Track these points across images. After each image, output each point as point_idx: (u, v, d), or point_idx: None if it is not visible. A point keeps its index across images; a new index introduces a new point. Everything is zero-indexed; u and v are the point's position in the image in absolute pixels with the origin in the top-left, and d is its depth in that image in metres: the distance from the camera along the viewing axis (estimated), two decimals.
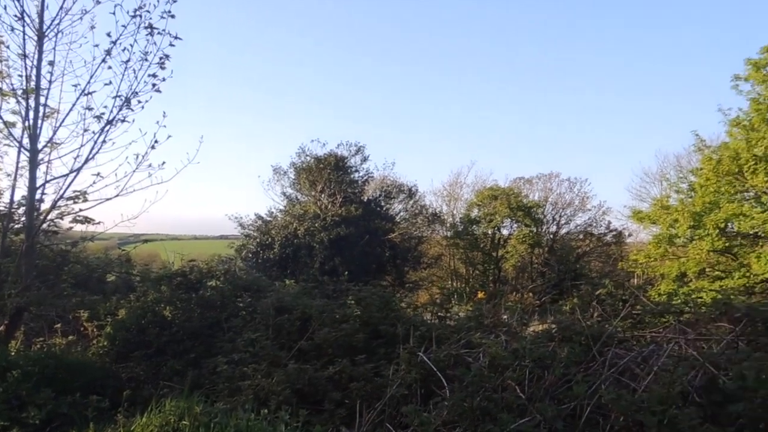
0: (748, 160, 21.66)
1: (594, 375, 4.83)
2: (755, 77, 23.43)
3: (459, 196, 42.13)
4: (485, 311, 7.36)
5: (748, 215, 21.50)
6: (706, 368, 4.36)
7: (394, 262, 35.20)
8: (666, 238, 24.84)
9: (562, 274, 34.09)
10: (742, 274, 21.49)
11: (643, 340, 5.82)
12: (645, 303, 6.21)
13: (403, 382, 5.56)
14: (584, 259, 38.72)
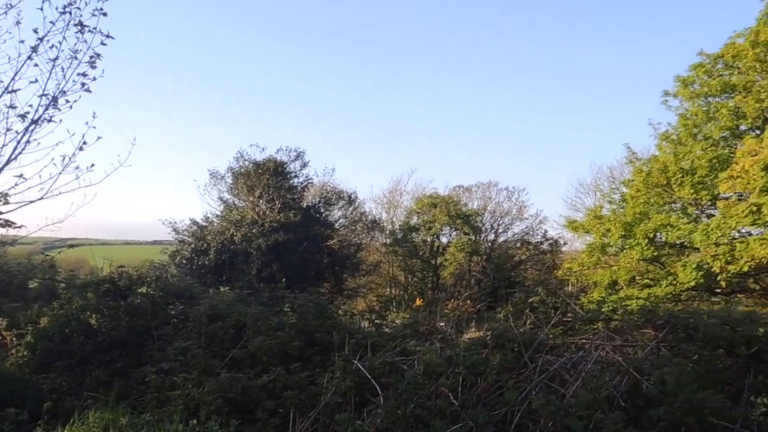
0: (676, 172, 22.71)
1: (525, 381, 4.97)
2: (683, 94, 24.66)
3: (399, 203, 42.51)
4: (421, 319, 7.46)
5: (675, 226, 22.50)
6: (630, 374, 4.56)
7: (332, 269, 35.12)
8: (599, 247, 25.71)
9: (498, 282, 34.81)
10: (669, 282, 22.43)
11: (573, 346, 6.02)
12: (575, 310, 6.43)
13: (337, 390, 5.57)
14: (521, 267, 39.67)
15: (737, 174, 17.55)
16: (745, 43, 22.61)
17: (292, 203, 33.95)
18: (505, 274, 36.11)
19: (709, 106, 23.80)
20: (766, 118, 22.01)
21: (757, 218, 17.39)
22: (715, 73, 23.89)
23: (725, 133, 23.12)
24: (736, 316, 5.70)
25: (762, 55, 22.05)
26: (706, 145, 22.90)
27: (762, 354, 4.74)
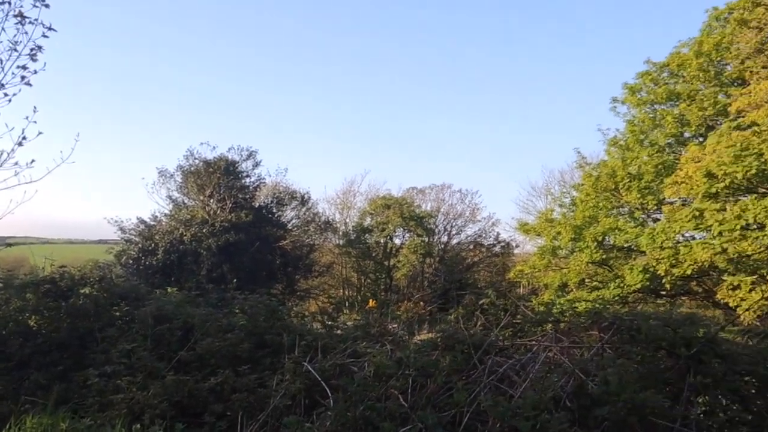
0: (624, 177, 23.39)
1: (474, 383, 5.04)
2: (631, 101, 25.46)
3: (352, 204, 42.54)
4: (372, 320, 7.48)
5: (622, 229, 23.17)
6: (576, 375, 4.67)
7: (285, 270, 34.87)
8: (550, 250, 26.27)
9: (449, 283, 35.20)
10: (617, 285, 23.08)
11: (522, 348, 6.13)
12: (525, 312, 6.56)
13: (287, 392, 5.53)
14: (474, 269, 40.17)
15: (681, 180, 18.17)
16: (689, 53, 23.49)
17: (243, 203, 33.56)
18: (457, 276, 36.54)
19: (655, 113, 24.63)
20: (708, 126, 22.88)
21: (699, 223, 18.04)
22: (661, 82, 24.74)
23: (670, 139, 23.97)
24: (678, 318, 5.90)
25: (705, 65, 22.93)
26: (653, 151, 23.67)
27: (701, 355, 4.92)
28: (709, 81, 23.15)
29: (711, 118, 22.44)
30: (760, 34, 19.86)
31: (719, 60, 22.95)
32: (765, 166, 16.07)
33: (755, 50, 20.17)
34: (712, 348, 4.99)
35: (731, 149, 16.82)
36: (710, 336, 4.99)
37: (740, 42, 20.97)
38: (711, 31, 23.45)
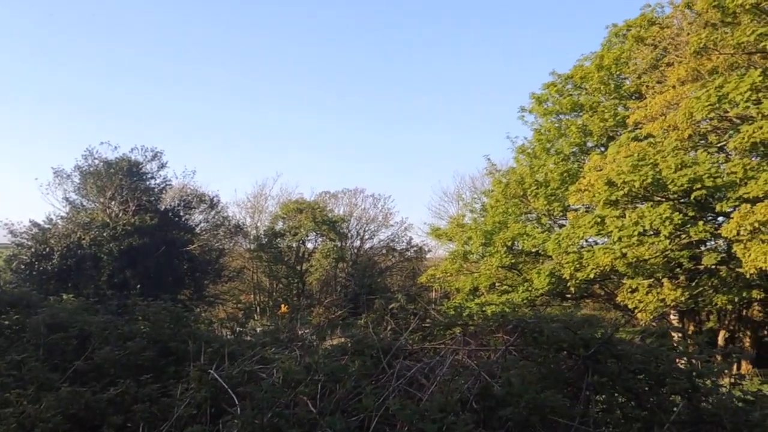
0: (531, 184, 24.41)
1: (383, 387, 5.10)
2: (538, 110, 26.66)
3: (263, 208, 41.98)
4: (282, 326, 7.42)
5: (530, 235, 24.18)
6: (482, 377, 4.82)
7: (192, 276, 33.91)
8: (461, 255, 27.01)
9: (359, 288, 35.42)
10: (525, 288, 24.04)
11: (431, 351, 6.25)
12: (434, 316, 6.70)
13: (191, 401, 5.39)
14: (386, 273, 40.59)
15: (584, 187, 19.14)
16: (591, 66, 24.88)
17: (148, 206, 32.34)
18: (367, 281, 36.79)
19: (560, 123, 25.91)
20: (609, 136, 24.27)
21: (601, 229, 19.06)
22: (565, 93, 26.06)
23: (575, 148, 25.28)
24: (578, 320, 6.21)
25: (605, 79, 24.36)
26: (558, 160, 24.89)
27: (598, 355, 5.19)
28: (609, 94, 24.58)
29: (611, 129, 23.82)
30: (655, 51, 21.27)
31: (619, 74, 24.43)
32: (660, 176, 17.18)
33: (651, 66, 21.59)
34: (609, 348, 5.29)
35: (629, 159, 17.89)
36: (607, 337, 5.28)
37: (637, 58, 22.38)
38: (611, 46, 24.94)
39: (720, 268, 19.98)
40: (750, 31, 15.74)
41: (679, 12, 21.15)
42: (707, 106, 16.34)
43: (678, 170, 16.94)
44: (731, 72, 17.60)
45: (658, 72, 21.41)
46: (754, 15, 16.08)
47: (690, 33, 19.24)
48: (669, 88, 19.54)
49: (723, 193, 16.93)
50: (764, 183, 15.43)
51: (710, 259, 18.90)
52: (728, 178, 16.58)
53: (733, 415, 5.46)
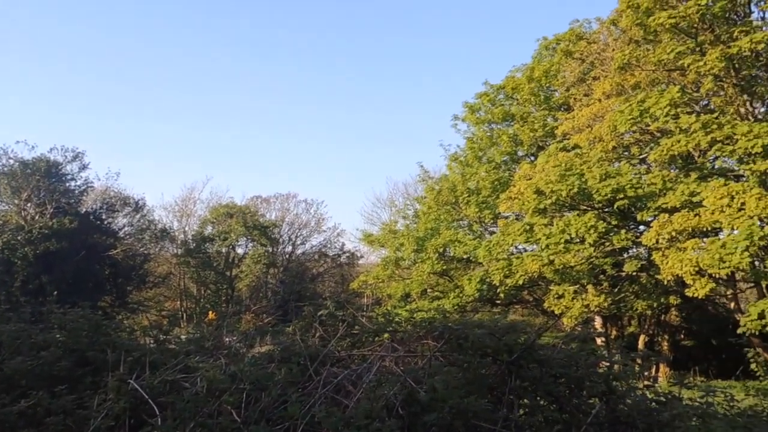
0: (463, 192, 24.91)
1: (310, 394, 5.10)
2: (470, 119, 27.27)
3: (192, 212, 41.04)
4: (207, 333, 7.29)
5: (462, 241, 24.64)
6: (407, 383, 4.90)
7: (115, 281, 32.77)
8: (393, 261, 27.24)
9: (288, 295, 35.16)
10: (456, 295, 24.44)
11: (359, 358, 6.29)
12: (363, 323, 6.75)
13: (109, 413, 5.23)
14: (318, 279, 40.43)
15: (514, 196, 19.67)
16: (522, 77, 25.67)
17: (68, 208, 31.05)
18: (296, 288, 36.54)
19: (492, 132, 26.60)
20: (539, 146, 25.06)
21: (530, 236, 19.62)
22: (497, 103, 26.79)
23: (506, 157, 25.98)
24: (502, 326, 6.39)
25: (536, 90, 25.19)
26: (490, 168, 25.52)
27: (521, 360, 5.36)
28: (539, 105, 25.41)
29: (541, 139, 24.62)
30: (583, 65, 22.14)
31: (548, 86, 25.30)
32: (585, 186, 17.86)
33: (578, 79, 22.46)
34: (531, 354, 5.47)
35: (557, 169, 18.52)
36: (530, 343, 5.47)
37: (566, 71, 23.22)
38: (541, 58, 25.83)
39: (640, 274, 20.93)
40: (669, 49, 16.59)
41: (605, 28, 22.11)
42: (630, 120, 17.10)
43: (602, 180, 17.65)
44: (652, 87, 18.51)
45: (585, 85, 22.29)
46: (673, 34, 16.96)
47: (615, 49, 20.14)
48: (595, 101, 20.37)
49: (644, 203, 17.74)
50: (681, 194, 16.26)
51: (631, 266, 19.75)
52: (649, 188, 17.39)
53: (646, 415, 5.75)
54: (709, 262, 14.31)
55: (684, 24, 16.23)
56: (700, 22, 16.26)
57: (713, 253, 14.18)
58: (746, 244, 13.69)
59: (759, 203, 14.16)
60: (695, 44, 16.56)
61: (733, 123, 15.79)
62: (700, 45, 16.52)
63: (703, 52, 16.24)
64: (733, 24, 16.64)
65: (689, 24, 16.24)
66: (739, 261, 13.85)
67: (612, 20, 20.95)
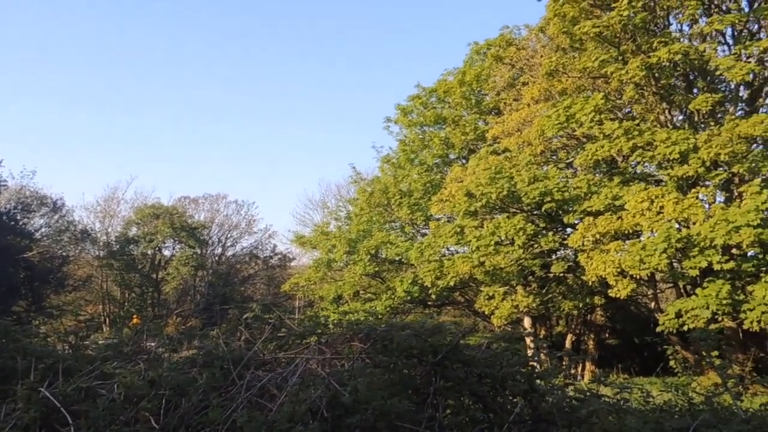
0: (395, 194, 25.13)
1: (232, 399, 5.04)
2: (403, 121, 27.56)
3: (116, 212, 39.68)
4: (126, 338, 7.08)
5: (394, 243, 24.86)
6: (332, 385, 4.92)
7: (30, 285, 31.30)
8: (325, 263, 27.18)
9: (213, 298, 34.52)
10: (388, 296, 24.61)
11: (285, 361, 6.26)
12: (289, 325, 6.72)
13: (18, 423, 5.01)
14: (249, 281, 39.86)
15: (446, 198, 20.00)
16: (454, 81, 26.14)
17: None
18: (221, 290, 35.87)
19: (424, 135, 26.97)
20: (471, 149, 25.56)
21: (460, 238, 19.98)
22: (429, 105, 27.20)
23: (437, 160, 26.40)
24: (428, 327, 6.49)
25: (467, 94, 25.70)
26: (422, 170, 25.86)
27: (446, 361, 5.46)
28: (470, 108, 25.93)
29: (472, 142, 25.12)
30: (513, 71, 22.74)
31: (479, 90, 25.87)
32: (515, 189, 18.35)
33: (508, 84, 23.05)
34: (456, 354, 5.58)
35: (487, 172, 18.95)
36: (454, 343, 5.57)
37: (496, 76, 23.79)
38: (473, 63, 26.37)
39: (567, 276, 21.67)
40: (594, 58, 17.25)
41: (533, 35, 22.78)
42: (557, 125, 17.68)
43: (531, 184, 18.18)
44: (578, 94, 19.20)
45: (514, 90, 22.89)
46: (597, 43, 17.65)
47: (543, 56, 20.79)
48: (524, 105, 20.96)
49: (570, 206, 18.36)
50: (605, 198, 16.93)
51: (558, 267, 20.43)
52: (574, 192, 18.03)
53: (565, 413, 5.97)
54: (630, 264, 14.92)
55: (607, 33, 16.90)
56: (622, 32, 16.97)
57: (634, 255, 14.80)
58: (664, 246, 14.35)
59: (676, 207, 14.90)
60: (618, 53, 17.28)
61: (652, 130, 16.56)
62: (623, 54, 17.24)
63: (626, 61, 16.95)
64: (653, 35, 17.46)
65: (612, 33, 16.92)
66: (657, 262, 14.50)
67: (540, 27, 21.61)
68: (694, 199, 15.14)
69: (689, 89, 18.25)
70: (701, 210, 14.83)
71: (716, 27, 16.27)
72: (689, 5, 16.64)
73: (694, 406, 7.60)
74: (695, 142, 15.40)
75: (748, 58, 16.24)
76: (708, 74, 17.45)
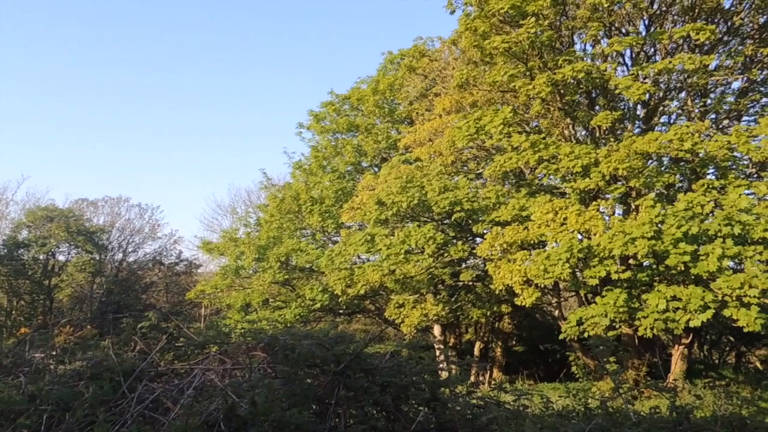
0: (307, 201, 24.96)
1: (122, 413, 4.81)
2: (315, 128, 27.52)
3: (4, 214, 37.26)
4: (6, 350, 6.64)
5: (304, 251, 24.66)
6: (230, 397, 4.80)
7: None
8: (233, 270, 26.61)
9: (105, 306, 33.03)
10: (298, 304, 24.37)
11: (183, 372, 6.05)
12: (188, 335, 6.51)
13: None
14: (153, 289, 38.42)
15: (357, 206, 20.05)
16: (367, 89, 26.36)
17: None
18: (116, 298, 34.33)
19: (337, 142, 27.01)
20: (383, 157, 25.79)
21: (371, 247, 20.05)
22: (342, 113, 27.30)
23: (350, 167, 26.48)
24: (332, 336, 6.46)
25: (380, 102, 25.96)
26: (334, 177, 25.84)
27: (348, 370, 5.44)
28: (383, 117, 26.21)
29: (384, 151, 25.36)
30: (425, 81, 23.16)
31: (392, 99, 26.19)
32: (425, 198, 18.62)
33: (421, 95, 23.46)
34: (359, 363, 5.57)
35: (398, 181, 19.15)
36: (357, 352, 5.56)
37: (409, 86, 24.16)
38: (386, 72, 26.71)
39: (476, 284, 22.21)
40: (503, 72, 17.81)
41: (446, 47, 23.31)
42: (467, 136, 18.09)
43: (441, 193, 18.50)
44: (489, 106, 19.75)
45: (427, 100, 23.32)
46: (507, 57, 18.23)
47: (455, 68, 21.28)
48: (436, 116, 21.36)
49: (479, 216, 18.81)
50: (512, 208, 17.46)
51: (467, 276, 20.89)
52: (483, 202, 18.50)
53: (467, 420, 6.08)
54: (535, 273, 15.43)
55: (516, 49, 17.49)
56: (530, 49, 17.61)
57: (539, 264, 15.31)
58: (567, 256, 14.91)
59: (578, 219, 15.55)
60: (526, 69, 17.91)
61: (557, 144, 17.24)
62: (530, 70, 17.90)
63: (533, 77, 17.60)
64: (559, 53, 18.24)
65: (521, 50, 17.53)
66: (561, 271, 15.05)
67: (452, 40, 22.13)
68: (594, 212, 15.84)
69: (591, 106, 19.15)
70: (601, 222, 15.52)
71: (616, 48, 17.16)
72: (592, 26, 17.50)
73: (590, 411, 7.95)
74: (596, 156, 16.14)
75: (644, 79, 17.22)
76: (608, 92, 18.38)
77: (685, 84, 17.94)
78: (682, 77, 17.62)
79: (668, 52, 18.14)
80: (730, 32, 18.40)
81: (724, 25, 18.16)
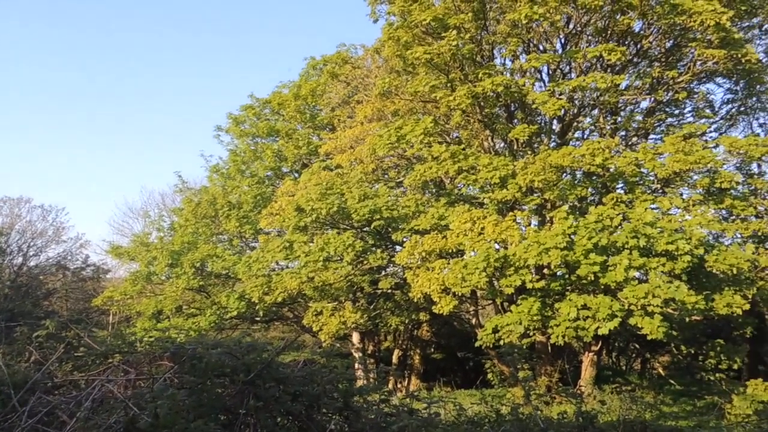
0: (224, 205, 24.45)
1: (11, 428, 4.54)
2: (234, 131, 27.05)
3: None
4: None
5: (221, 256, 24.10)
6: (130, 408, 4.61)
7: None
8: (144, 275, 25.68)
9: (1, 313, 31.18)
10: (213, 312, 23.78)
11: (82, 383, 5.77)
12: (89, 344, 6.21)
13: None
14: (56, 295, 36.54)
15: (276, 212, 19.81)
16: (289, 94, 26.17)
17: None
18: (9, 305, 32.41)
19: (256, 146, 26.64)
20: (304, 163, 25.63)
21: (289, 253, 19.83)
22: (263, 117, 26.98)
23: (269, 172, 26.16)
24: (243, 344, 6.33)
25: (302, 108, 25.81)
26: (253, 182, 25.42)
27: (258, 380, 5.34)
28: (305, 122, 26.07)
29: (305, 157, 25.21)
30: (347, 88, 23.21)
31: (314, 105, 26.10)
32: (345, 205, 18.60)
33: (343, 101, 23.48)
34: (270, 372, 5.48)
35: (318, 187, 19.06)
36: (267, 361, 5.47)
37: (331, 92, 24.15)
38: (309, 77, 26.60)
39: (395, 292, 22.36)
40: (425, 82, 18.05)
41: (369, 55, 23.45)
42: (388, 144, 18.22)
43: (361, 201, 18.53)
44: (410, 116, 19.97)
45: (349, 107, 23.36)
46: (429, 68, 18.50)
47: (377, 76, 21.43)
48: (357, 123, 21.41)
49: (398, 224, 18.96)
50: (431, 217, 17.70)
51: (386, 284, 21.00)
52: (403, 211, 18.66)
53: (380, 428, 6.09)
54: (452, 281, 15.67)
55: (438, 61, 17.76)
56: (451, 61, 17.94)
57: (456, 273, 15.56)
58: (484, 265, 15.22)
59: (495, 228, 15.92)
60: (447, 80, 18.23)
61: (476, 155, 17.62)
62: (451, 81, 18.23)
63: (454, 88, 17.93)
64: (480, 66, 18.66)
65: (442, 61, 17.82)
66: (478, 280, 15.35)
67: (376, 49, 22.28)
68: (511, 222, 16.26)
69: (510, 119, 19.70)
70: (517, 232, 15.94)
71: (533, 64, 17.74)
72: (511, 42, 18.03)
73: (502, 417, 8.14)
74: (514, 168, 16.60)
75: (560, 95, 17.87)
76: (526, 107, 18.97)
77: (597, 101, 18.73)
78: (594, 95, 18.39)
79: (582, 71, 18.89)
80: (640, 54, 19.36)
81: (635, 47, 19.09)
